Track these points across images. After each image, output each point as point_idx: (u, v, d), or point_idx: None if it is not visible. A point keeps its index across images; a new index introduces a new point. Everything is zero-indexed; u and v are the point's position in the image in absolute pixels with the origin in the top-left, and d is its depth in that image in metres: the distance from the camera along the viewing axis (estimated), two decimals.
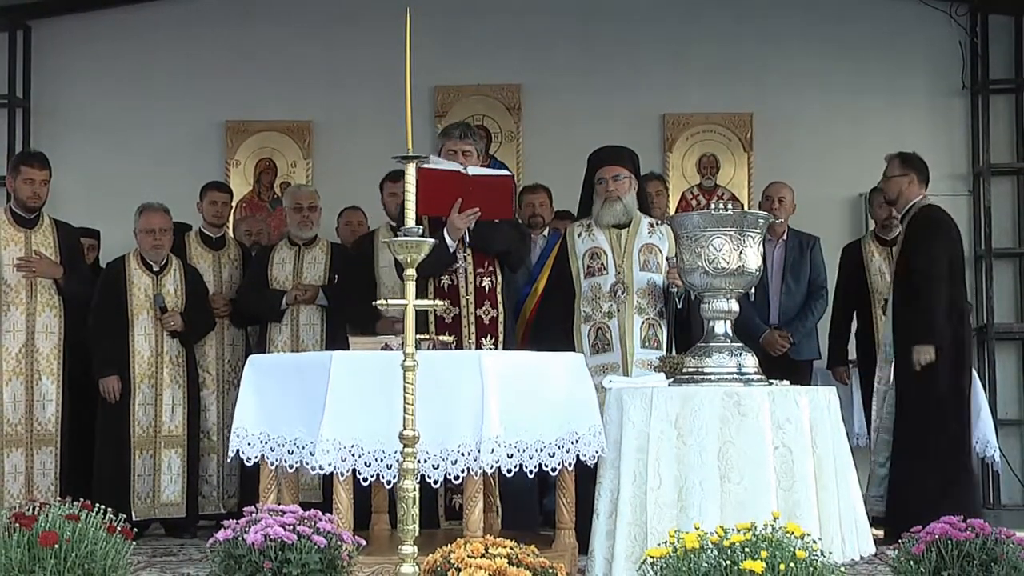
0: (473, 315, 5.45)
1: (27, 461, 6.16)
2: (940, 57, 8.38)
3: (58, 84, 8.42)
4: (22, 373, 6.17)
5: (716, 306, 4.32)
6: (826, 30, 8.39)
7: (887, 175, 6.27)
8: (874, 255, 6.95)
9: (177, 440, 6.47)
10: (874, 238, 7.03)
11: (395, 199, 6.15)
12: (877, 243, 6.98)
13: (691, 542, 3.11)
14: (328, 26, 8.38)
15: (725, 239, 4.22)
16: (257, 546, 3.37)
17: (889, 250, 6.80)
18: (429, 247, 3.43)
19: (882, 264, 6.88)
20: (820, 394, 4.21)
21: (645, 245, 5.68)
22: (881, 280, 6.85)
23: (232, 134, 8.43)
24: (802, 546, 3.08)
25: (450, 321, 5.40)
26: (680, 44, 8.40)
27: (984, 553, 3.57)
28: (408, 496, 3.31)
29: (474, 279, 5.48)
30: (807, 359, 6.93)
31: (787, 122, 8.31)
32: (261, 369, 4.44)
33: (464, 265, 5.44)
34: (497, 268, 5.56)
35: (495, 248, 5.48)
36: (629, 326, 5.56)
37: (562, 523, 4.49)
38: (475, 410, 4.04)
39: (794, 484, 3.94)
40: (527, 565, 3.29)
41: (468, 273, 5.47)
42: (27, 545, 3.53)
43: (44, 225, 6.34)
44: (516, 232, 5.66)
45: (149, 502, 6.40)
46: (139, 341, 6.44)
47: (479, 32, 8.37)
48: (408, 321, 3.39)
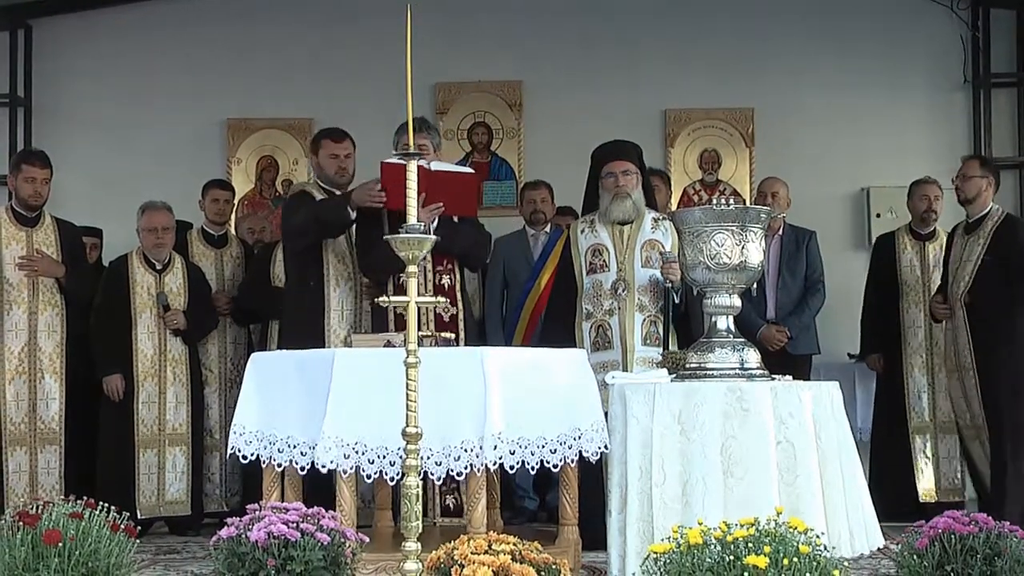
0: (432, 312, 5.47)
1: (31, 460, 6.16)
2: (941, 51, 8.36)
3: (59, 83, 8.41)
4: (25, 372, 6.18)
5: (718, 301, 4.32)
6: (827, 25, 8.38)
7: (967, 175, 6.41)
8: (907, 248, 6.96)
9: (181, 438, 6.48)
10: (908, 231, 7.02)
11: (335, 161, 5.97)
12: (911, 236, 6.98)
13: (694, 537, 3.12)
14: (329, 23, 8.37)
15: (727, 234, 4.22)
16: (260, 544, 3.38)
17: (923, 244, 6.89)
18: (431, 244, 3.43)
19: (913, 257, 6.91)
20: (823, 389, 4.21)
21: (648, 241, 5.67)
22: (911, 273, 6.90)
23: (233, 132, 8.42)
24: (805, 541, 3.08)
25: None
26: (681, 40, 8.39)
27: (988, 547, 3.57)
28: (411, 493, 3.31)
29: (433, 276, 5.51)
30: (805, 354, 6.93)
31: (788, 117, 8.30)
32: (263, 367, 4.44)
33: (423, 263, 5.46)
34: (456, 266, 5.63)
35: (455, 248, 5.50)
36: (630, 324, 5.55)
37: (565, 519, 4.50)
38: (477, 407, 4.04)
39: (797, 479, 3.94)
40: (531, 561, 3.29)
41: (427, 271, 5.49)
42: (31, 543, 3.54)
43: (45, 224, 6.34)
44: (477, 233, 5.70)
45: (154, 500, 6.41)
46: (142, 340, 6.45)
47: (480, 29, 8.37)
48: (411, 318, 3.39)
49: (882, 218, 7.90)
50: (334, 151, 6.00)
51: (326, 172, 5.99)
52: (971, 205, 6.44)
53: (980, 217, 6.39)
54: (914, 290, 6.86)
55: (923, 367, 6.82)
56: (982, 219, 6.38)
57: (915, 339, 6.83)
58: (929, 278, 6.86)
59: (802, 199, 7.18)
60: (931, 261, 6.88)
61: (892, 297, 6.94)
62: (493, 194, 8.43)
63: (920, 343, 6.83)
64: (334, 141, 6.03)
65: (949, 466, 6.77)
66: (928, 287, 6.84)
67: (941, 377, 6.74)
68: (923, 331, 6.82)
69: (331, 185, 5.96)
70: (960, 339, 6.37)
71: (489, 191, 8.43)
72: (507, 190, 8.43)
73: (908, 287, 6.87)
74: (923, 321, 6.82)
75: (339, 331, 5.69)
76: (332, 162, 5.98)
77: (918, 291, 6.86)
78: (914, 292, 6.86)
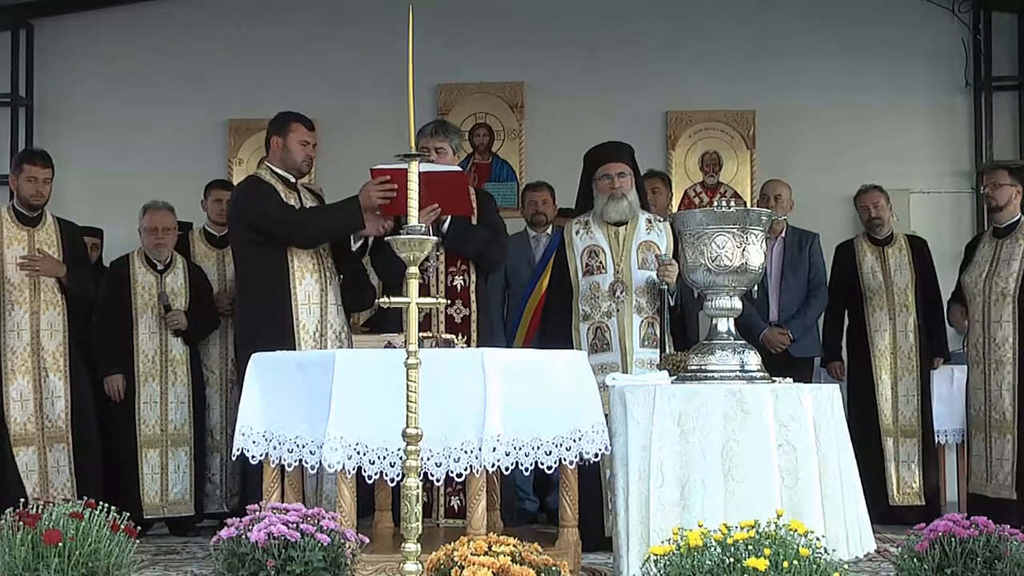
0: (443, 313, 5.45)
1: (40, 459, 6.16)
2: (943, 54, 8.37)
3: (61, 83, 8.42)
4: (29, 371, 6.17)
5: (719, 303, 4.32)
6: (829, 27, 8.38)
7: (998, 183, 6.51)
8: (866, 254, 6.98)
9: (183, 438, 6.49)
10: (866, 238, 7.05)
11: (305, 149, 5.62)
12: (870, 242, 7.00)
13: (694, 539, 3.11)
14: (330, 25, 8.38)
15: (728, 236, 4.22)
16: (260, 544, 3.38)
17: (882, 249, 6.94)
18: (432, 245, 3.43)
19: (874, 263, 6.95)
20: (823, 392, 4.21)
21: (643, 242, 5.67)
22: (873, 279, 6.93)
23: (235, 133, 8.43)
24: (805, 543, 3.08)
25: (421, 319, 5.42)
26: (683, 42, 8.39)
27: (988, 550, 3.57)
28: (411, 494, 3.31)
29: (446, 278, 5.49)
30: (807, 356, 6.95)
31: (790, 119, 8.30)
32: (264, 367, 4.44)
33: (436, 264, 5.44)
34: (471, 268, 5.57)
35: (468, 250, 5.48)
36: (628, 325, 5.56)
37: (565, 521, 4.49)
38: (478, 408, 4.04)
39: (798, 482, 3.94)
40: (531, 563, 3.29)
41: (440, 272, 5.48)
42: (31, 543, 3.55)
43: (47, 223, 6.34)
44: (492, 235, 5.62)
45: (158, 500, 6.42)
46: (143, 339, 6.45)
47: (482, 30, 8.37)
48: (411, 319, 3.39)
49: None
50: (305, 137, 5.66)
51: (293, 158, 5.61)
52: (1001, 212, 6.55)
53: (1014, 222, 6.50)
54: (878, 294, 6.90)
55: (890, 370, 6.86)
56: (1015, 223, 6.50)
57: (882, 342, 6.86)
58: (892, 281, 6.89)
59: (803, 201, 7.18)
60: (892, 265, 6.91)
61: (855, 303, 6.97)
62: (494, 195, 8.41)
63: (887, 346, 6.86)
64: (307, 127, 5.69)
65: (909, 472, 6.80)
66: (891, 290, 6.88)
67: (909, 381, 6.83)
68: (889, 334, 6.86)
69: (293, 173, 5.64)
70: (1000, 333, 6.42)
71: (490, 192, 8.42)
72: (508, 191, 8.43)
73: (872, 292, 6.91)
74: (888, 324, 6.86)
75: (308, 325, 5.57)
76: (302, 149, 5.63)
77: (882, 295, 6.90)
78: (878, 296, 6.90)
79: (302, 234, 5.45)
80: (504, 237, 5.83)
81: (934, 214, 7.55)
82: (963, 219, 7.73)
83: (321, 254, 5.57)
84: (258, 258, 5.51)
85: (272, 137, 5.67)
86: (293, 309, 5.45)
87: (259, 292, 5.49)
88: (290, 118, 5.69)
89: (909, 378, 6.85)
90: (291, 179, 5.65)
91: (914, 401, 6.84)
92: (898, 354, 6.85)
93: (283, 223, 5.44)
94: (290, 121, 5.68)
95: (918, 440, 6.82)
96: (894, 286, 6.89)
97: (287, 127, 5.64)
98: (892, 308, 6.87)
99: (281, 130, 5.65)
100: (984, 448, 6.46)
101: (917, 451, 6.81)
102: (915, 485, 6.79)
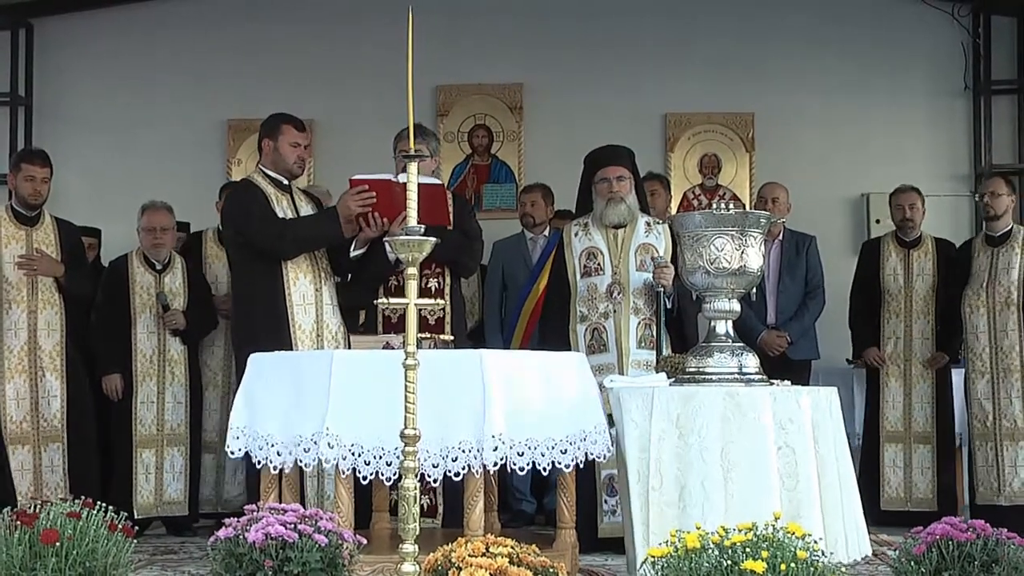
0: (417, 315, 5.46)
1: (35, 459, 6.15)
2: (942, 57, 8.38)
3: (60, 82, 8.42)
4: (25, 371, 6.17)
5: (717, 306, 4.32)
6: (828, 30, 8.39)
7: (996, 192, 6.57)
8: (891, 255, 6.96)
9: (179, 438, 6.48)
10: (893, 238, 7.03)
11: (296, 151, 5.58)
12: (897, 243, 6.99)
13: (692, 542, 3.12)
14: (330, 25, 8.38)
15: (727, 239, 4.22)
16: (258, 544, 3.37)
17: (907, 251, 6.92)
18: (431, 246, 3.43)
19: (897, 265, 6.93)
20: (821, 394, 4.22)
21: (642, 245, 5.70)
22: (893, 282, 6.91)
23: (234, 133, 8.42)
24: (803, 546, 3.08)
25: (395, 321, 5.48)
26: (682, 43, 8.40)
27: (985, 554, 3.57)
28: (409, 495, 3.31)
29: (421, 280, 5.49)
30: (805, 359, 6.94)
31: (789, 122, 8.31)
32: (262, 367, 4.44)
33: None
34: (445, 270, 5.64)
35: (440, 256, 5.47)
36: (625, 327, 5.58)
37: (563, 522, 4.49)
38: (476, 408, 4.04)
39: (798, 484, 3.94)
40: (528, 564, 3.29)
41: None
42: (28, 543, 3.54)
43: (45, 223, 6.34)
44: (465, 241, 5.67)
45: (152, 500, 6.41)
46: (141, 339, 6.45)
47: (481, 31, 8.37)
48: (410, 320, 3.39)
49: (882, 223, 7.88)
50: (297, 139, 5.61)
51: (284, 160, 5.58)
52: (997, 221, 6.59)
53: (1007, 231, 6.57)
54: (896, 299, 6.88)
55: (899, 376, 6.85)
56: (1009, 232, 6.57)
57: (893, 348, 6.86)
58: (912, 286, 6.89)
59: (802, 204, 7.18)
60: (915, 269, 6.90)
61: (876, 303, 6.97)
62: (493, 197, 8.44)
63: (898, 354, 6.87)
64: (297, 129, 5.64)
65: (921, 476, 6.80)
66: (911, 295, 6.88)
67: (924, 387, 6.82)
68: (901, 342, 6.86)
69: (285, 175, 5.62)
70: (1007, 342, 6.47)
71: (489, 194, 8.44)
72: (507, 193, 8.43)
73: (890, 295, 6.90)
74: (902, 331, 6.87)
75: (304, 326, 5.53)
76: (293, 151, 5.59)
77: (900, 300, 6.88)
78: (896, 301, 6.88)
79: (280, 244, 5.45)
80: (478, 243, 5.88)
81: (932, 217, 7.52)
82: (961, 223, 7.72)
83: (316, 255, 5.59)
84: (252, 260, 5.52)
85: (263, 140, 5.67)
86: (288, 310, 5.46)
87: (254, 293, 5.51)
88: (280, 120, 5.67)
89: (924, 384, 6.83)
90: (284, 181, 5.65)
91: (928, 408, 6.82)
92: (913, 360, 6.84)
93: (261, 233, 5.44)
94: (280, 123, 5.65)
95: (932, 446, 6.80)
96: (914, 292, 6.87)
97: (277, 129, 5.62)
98: (909, 314, 6.84)
99: (271, 133, 5.64)
100: (994, 458, 6.46)
101: (931, 457, 6.80)
102: (929, 493, 6.78)
